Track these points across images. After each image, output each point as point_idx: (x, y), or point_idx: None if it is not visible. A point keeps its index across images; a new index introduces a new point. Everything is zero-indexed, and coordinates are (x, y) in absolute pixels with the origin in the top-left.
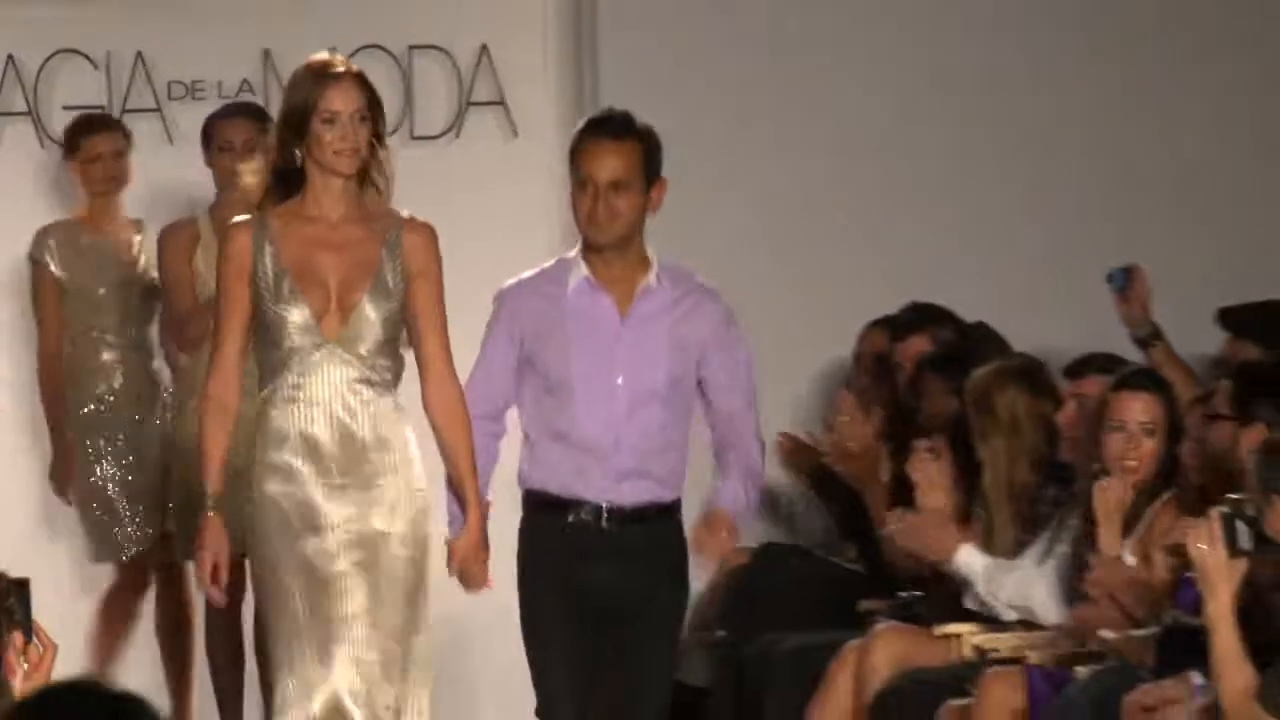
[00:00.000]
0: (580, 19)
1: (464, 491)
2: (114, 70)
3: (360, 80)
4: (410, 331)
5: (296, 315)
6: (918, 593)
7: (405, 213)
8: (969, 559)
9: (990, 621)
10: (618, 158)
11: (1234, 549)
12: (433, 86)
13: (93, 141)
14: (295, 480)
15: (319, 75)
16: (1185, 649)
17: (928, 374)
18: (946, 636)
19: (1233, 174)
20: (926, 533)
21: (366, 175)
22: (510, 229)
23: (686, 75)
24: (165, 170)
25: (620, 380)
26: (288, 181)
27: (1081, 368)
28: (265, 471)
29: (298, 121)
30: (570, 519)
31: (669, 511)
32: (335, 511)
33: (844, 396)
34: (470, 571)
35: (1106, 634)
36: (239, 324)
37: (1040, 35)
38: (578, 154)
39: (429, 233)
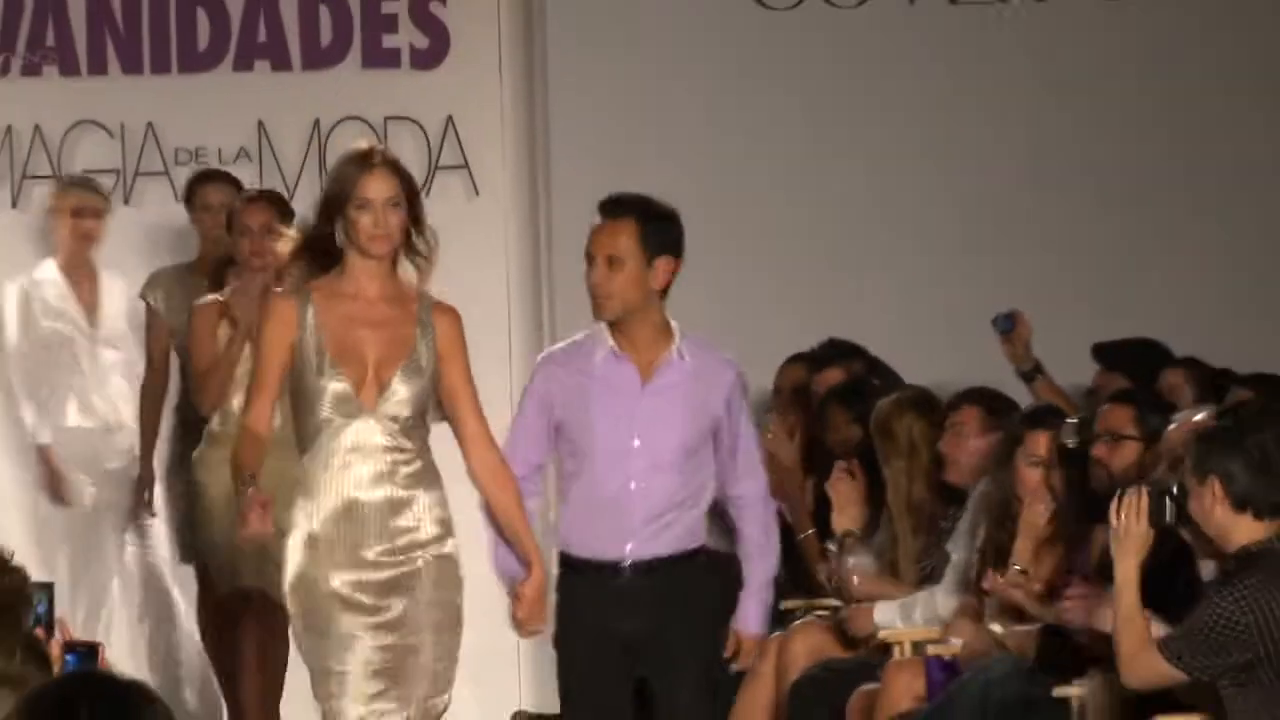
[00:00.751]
0: (533, 93)
1: (523, 544)
2: (128, 138)
3: (394, 168)
4: (447, 408)
5: (336, 387)
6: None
7: (434, 295)
8: (883, 617)
9: None
10: (611, 235)
11: (1158, 521)
12: (406, 152)
13: (205, 192)
14: (335, 551)
15: (356, 164)
16: (1060, 648)
17: (833, 404)
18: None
19: (1104, 220)
20: (853, 621)
21: (406, 253)
22: (472, 274)
23: (631, 137)
24: (171, 223)
25: (637, 443)
26: (321, 253)
27: (960, 400)
28: (306, 539)
29: (337, 206)
30: (594, 575)
31: (687, 558)
32: (374, 580)
33: (773, 420)
34: (534, 614)
35: (995, 628)
36: (279, 377)
37: (926, 84)
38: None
39: (455, 315)
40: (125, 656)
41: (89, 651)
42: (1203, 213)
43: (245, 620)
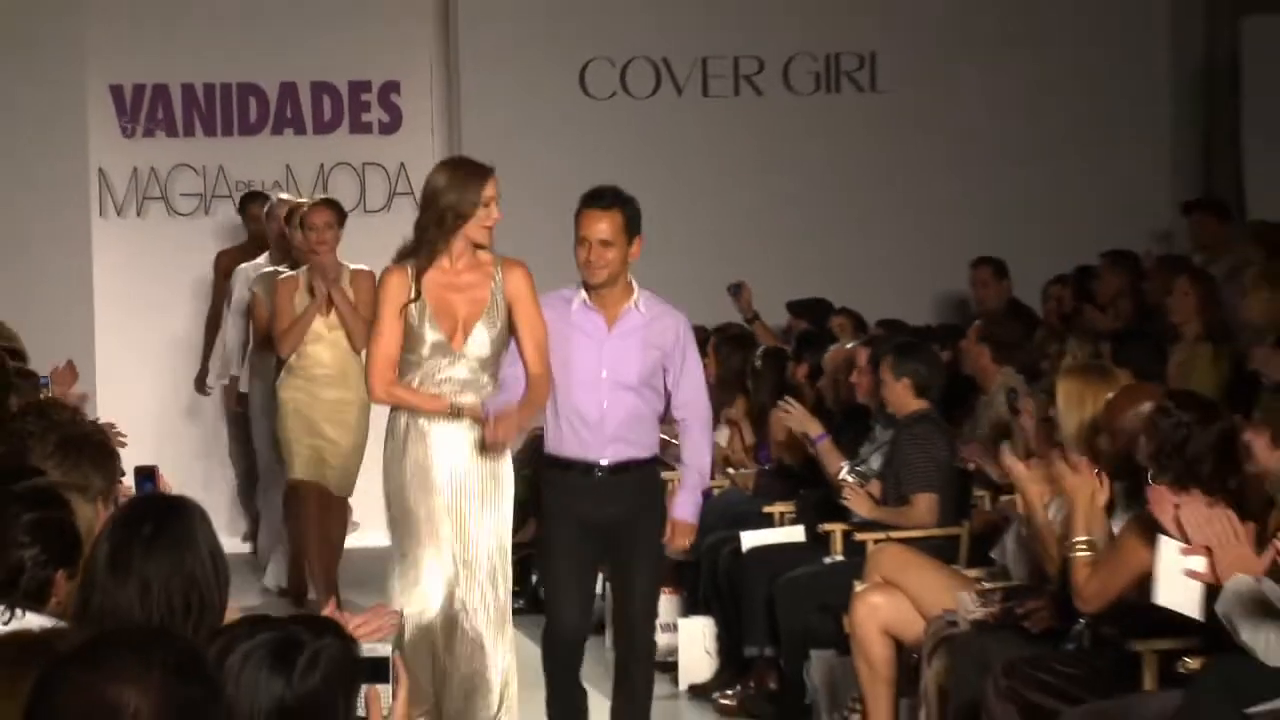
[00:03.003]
0: (453, 149)
1: (531, 415)
2: (207, 175)
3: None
4: (516, 341)
5: (433, 338)
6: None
7: (501, 258)
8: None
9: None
10: (606, 222)
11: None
12: (375, 184)
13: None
14: (423, 453)
15: (479, 176)
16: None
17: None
18: (827, 532)
19: (791, 227)
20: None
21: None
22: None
23: (511, 183)
24: (232, 226)
25: (605, 374)
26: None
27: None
28: (403, 442)
29: (465, 209)
30: (574, 473)
31: (644, 464)
32: (452, 471)
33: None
34: (510, 424)
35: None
36: (396, 344)
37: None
38: (577, 219)
39: (523, 268)
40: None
41: (150, 473)
42: (858, 218)
43: (308, 499)
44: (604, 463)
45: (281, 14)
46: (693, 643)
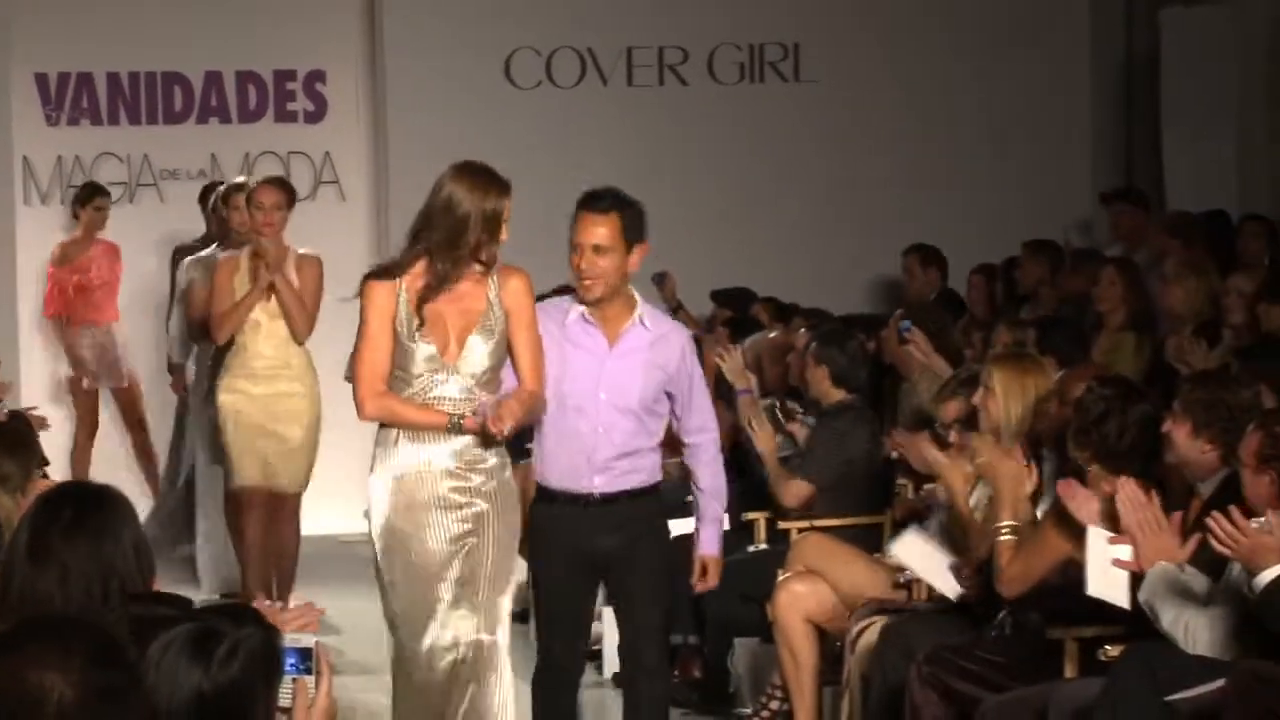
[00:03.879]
0: (378, 137)
1: (535, 414)
2: (131, 164)
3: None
4: (511, 354)
5: (424, 352)
6: None
7: (500, 264)
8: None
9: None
10: (603, 226)
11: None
12: (301, 173)
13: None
14: (413, 469)
15: (501, 190)
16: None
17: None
18: (751, 521)
19: (717, 221)
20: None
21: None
22: (341, 249)
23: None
24: (158, 215)
25: (603, 396)
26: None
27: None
28: (391, 458)
29: (491, 219)
30: (566, 505)
31: (641, 493)
32: (444, 489)
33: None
34: (509, 405)
35: None
36: (386, 354)
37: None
38: (573, 222)
39: (523, 276)
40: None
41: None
42: (782, 207)
43: (256, 508)
44: (597, 493)
45: (207, 3)
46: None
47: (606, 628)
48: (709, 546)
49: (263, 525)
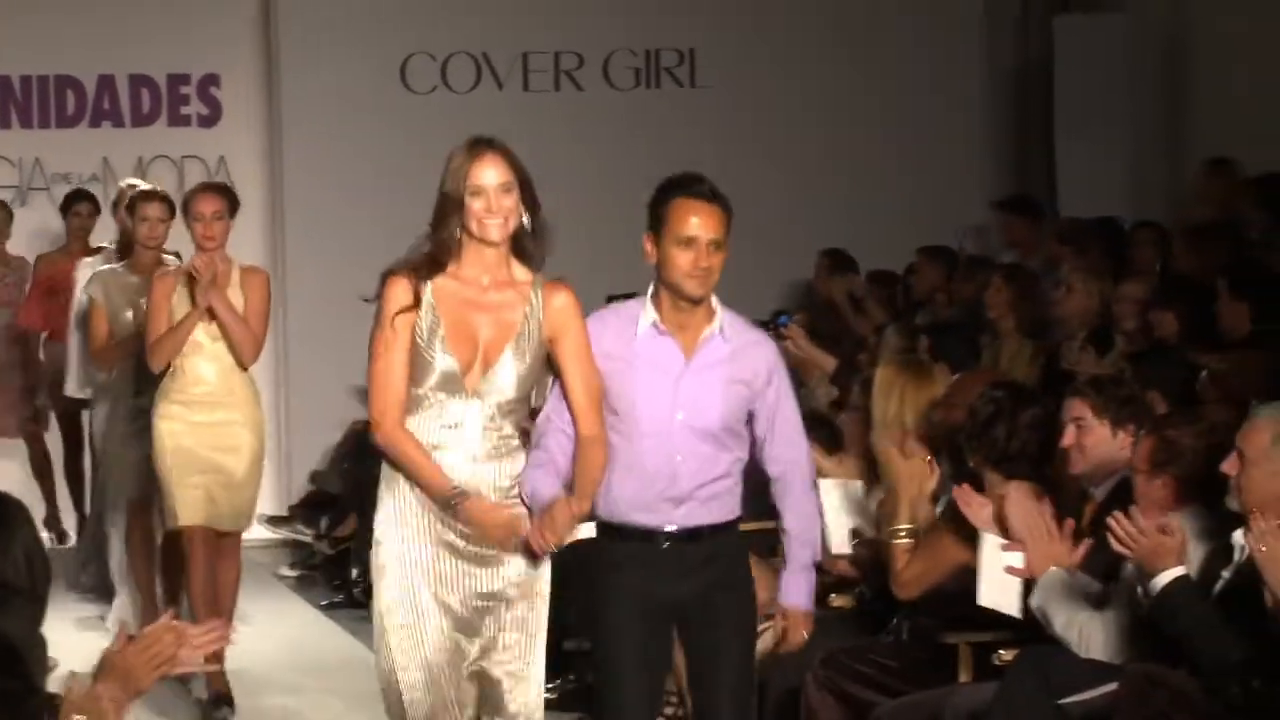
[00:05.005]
0: (271, 141)
1: (586, 496)
2: (23, 167)
3: (506, 156)
4: (562, 379)
5: (444, 366)
6: None
7: (543, 278)
8: None
9: None
10: (718, 220)
11: None
12: (195, 177)
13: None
14: (420, 513)
15: (468, 152)
16: None
17: None
18: None
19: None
20: None
21: (519, 243)
22: (237, 250)
23: (324, 172)
24: (49, 221)
25: (680, 417)
26: (434, 263)
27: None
28: (394, 500)
29: (455, 196)
30: (637, 542)
31: (723, 529)
32: (454, 539)
33: None
34: (562, 530)
35: None
36: (403, 364)
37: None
38: (670, 210)
39: (570, 293)
40: None
41: None
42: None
43: (197, 546)
44: (672, 529)
45: (99, 6)
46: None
47: None
48: (795, 596)
49: (209, 567)
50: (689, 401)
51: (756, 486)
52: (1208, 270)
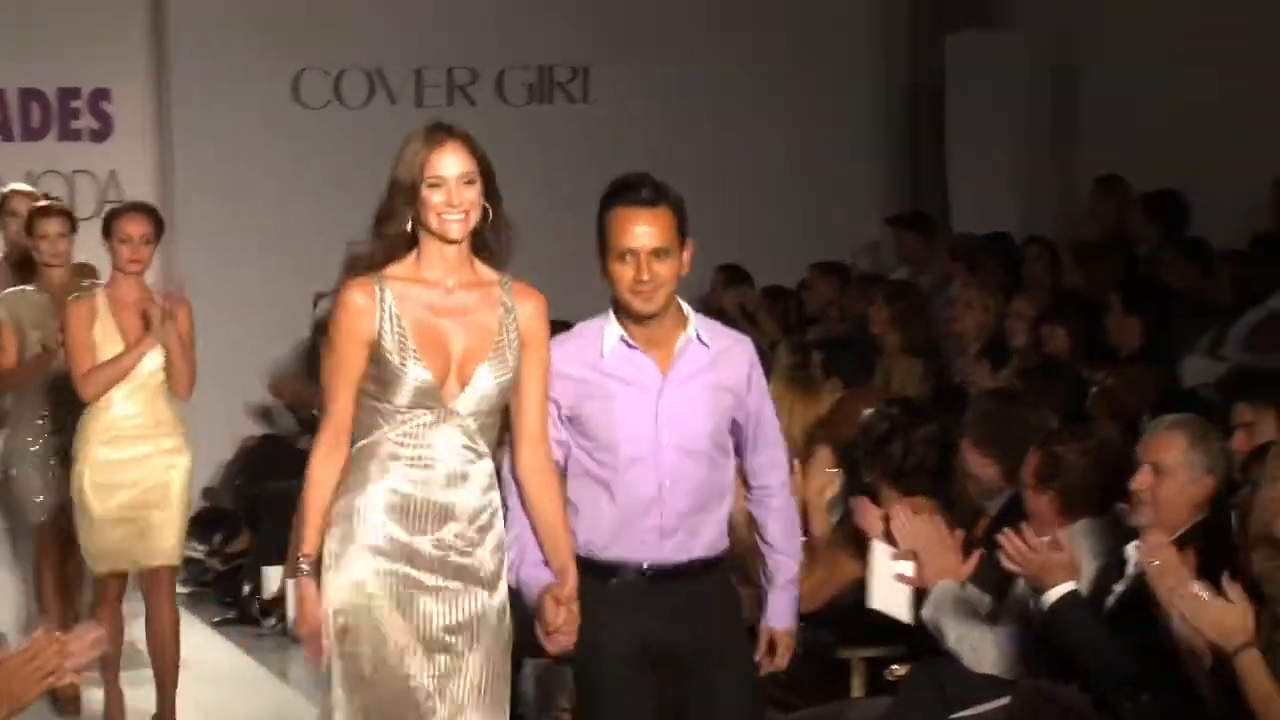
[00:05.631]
0: (163, 155)
1: (561, 549)
2: None
3: (468, 144)
4: (514, 391)
5: (417, 378)
6: None
7: (511, 279)
8: None
9: None
10: (655, 224)
11: None
12: (85, 191)
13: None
14: (384, 540)
15: (426, 138)
16: None
17: None
18: None
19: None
20: None
21: (480, 239)
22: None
23: (214, 188)
24: None
25: (665, 437)
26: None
27: None
28: (356, 524)
29: (409, 186)
30: (624, 580)
31: (713, 565)
32: (423, 571)
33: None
34: (571, 611)
35: None
36: (354, 382)
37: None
38: (609, 220)
39: (542, 300)
40: None
41: None
42: (571, 227)
43: (107, 598)
44: (659, 562)
45: None
46: None
47: None
48: (780, 617)
49: (118, 617)
50: (673, 419)
51: None
52: (1099, 286)
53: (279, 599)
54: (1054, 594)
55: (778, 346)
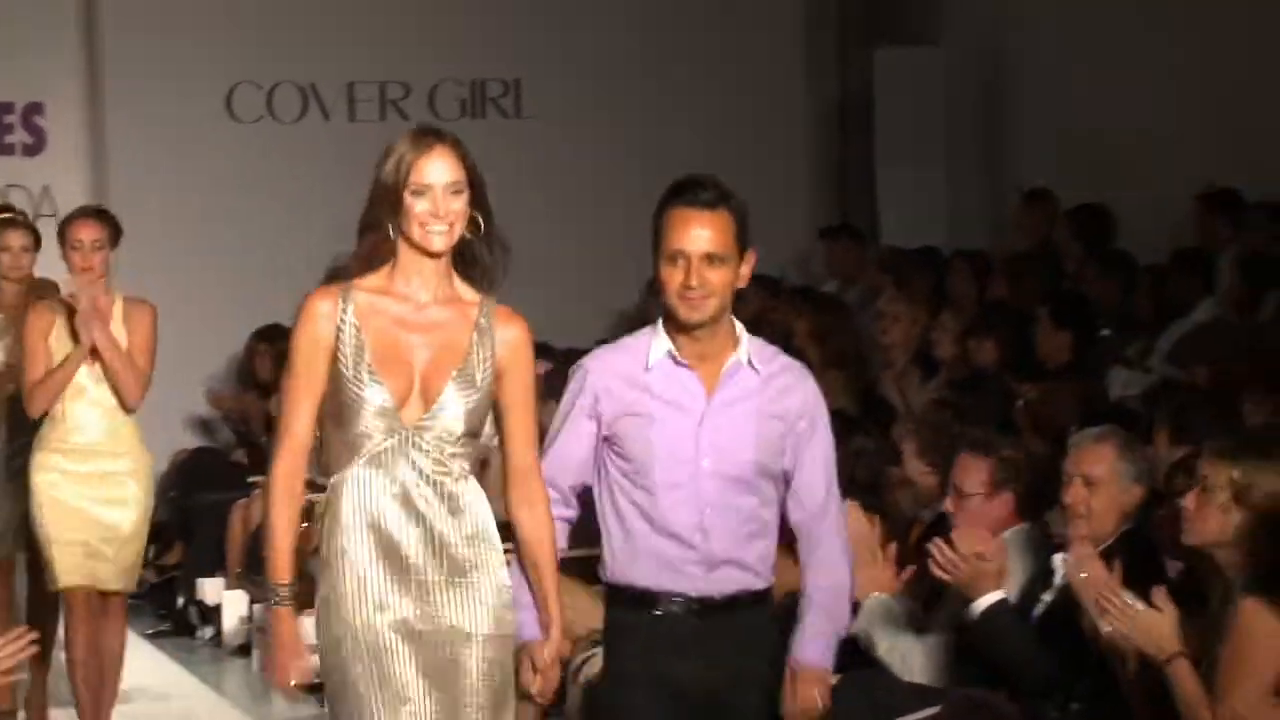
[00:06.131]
0: (96, 170)
1: (548, 599)
2: None
3: (458, 150)
4: (499, 424)
5: (375, 400)
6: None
7: (496, 302)
8: None
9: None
10: (712, 227)
11: None
12: (20, 205)
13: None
14: (369, 581)
15: (413, 143)
16: None
17: None
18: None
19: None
20: None
21: (468, 255)
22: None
23: (146, 202)
24: None
25: (706, 463)
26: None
27: None
28: (339, 567)
29: (393, 192)
30: (658, 613)
31: (757, 600)
32: (412, 611)
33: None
34: (549, 677)
35: None
36: (312, 404)
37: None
38: (663, 222)
39: (525, 327)
40: None
41: None
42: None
43: (78, 608)
44: (699, 595)
45: None
46: None
47: None
48: (810, 651)
49: (86, 631)
50: (716, 444)
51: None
52: (1026, 299)
53: (216, 609)
54: (983, 603)
55: None
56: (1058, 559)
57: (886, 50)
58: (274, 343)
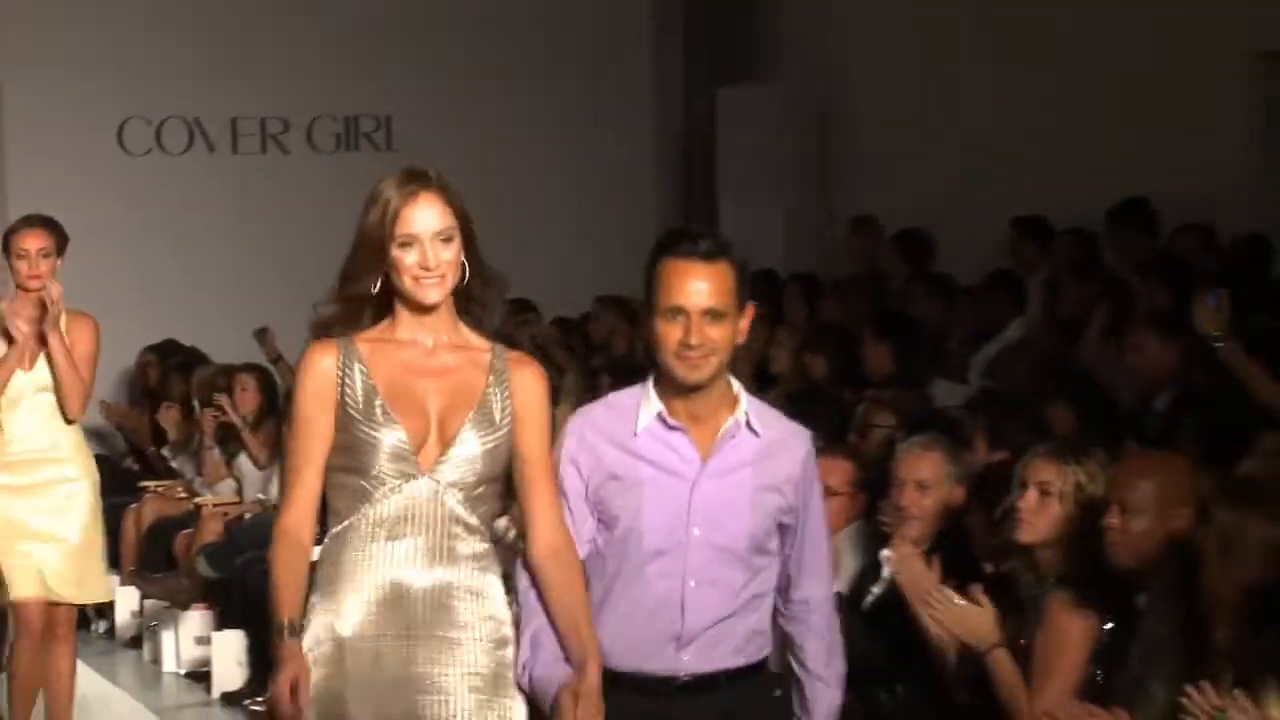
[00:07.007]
0: (5, 208)
1: (582, 638)
2: None
3: (445, 194)
4: (518, 475)
5: (390, 441)
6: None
7: (506, 349)
8: None
9: None
10: (711, 280)
11: None
12: None
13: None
14: (373, 634)
15: (399, 189)
16: None
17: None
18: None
19: None
20: None
21: (465, 293)
22: None
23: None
24: None
25: (696, 532)
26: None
27: None
28: (342, 620)
29: (377, 241)
30: (640, 693)
31: (748, 674)
32: (417, 662)
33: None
34: (589, 704)
35: None
36: (320, 453)
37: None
38: (658, 274)
39: (540, 371)
40: None
41: None
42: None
43: (28, 624)
44: (685, 674)
45: None
46: (226, 654)
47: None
48: None
49: (38, 647)
50: (707, 513)
51: None
52: (854, 318)
53: (109, 605)
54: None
55: (567, 375)
56: (884, 554)
57: (729, 88)
58: (164, 356)
